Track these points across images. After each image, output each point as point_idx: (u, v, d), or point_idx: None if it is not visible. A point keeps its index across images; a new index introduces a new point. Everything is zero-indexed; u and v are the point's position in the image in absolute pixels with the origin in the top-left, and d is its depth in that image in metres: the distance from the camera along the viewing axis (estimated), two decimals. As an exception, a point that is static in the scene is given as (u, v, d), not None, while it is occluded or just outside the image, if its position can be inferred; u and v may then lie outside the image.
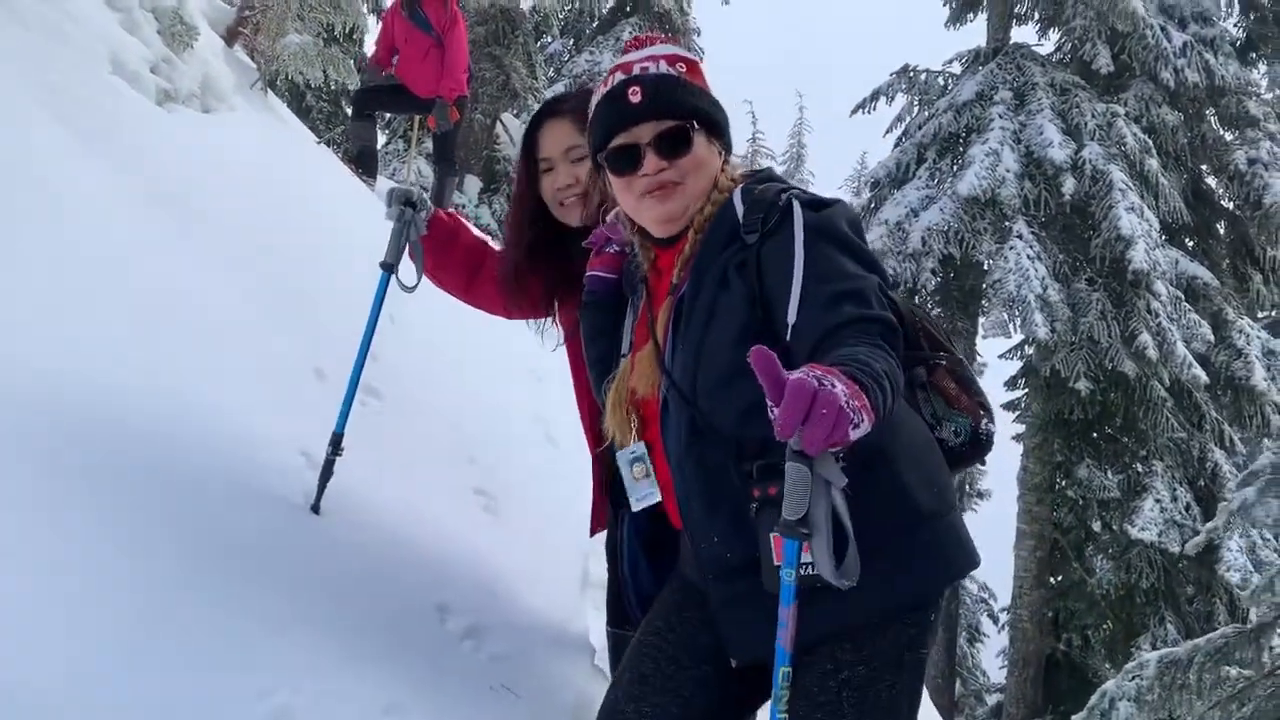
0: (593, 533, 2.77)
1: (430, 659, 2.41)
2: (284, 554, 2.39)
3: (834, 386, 1.34)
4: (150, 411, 2.51)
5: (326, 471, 2.63)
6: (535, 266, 2.47)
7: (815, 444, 1.33)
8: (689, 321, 1.76)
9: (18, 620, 1.77)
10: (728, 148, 1.90)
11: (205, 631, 1.98)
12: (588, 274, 2.08)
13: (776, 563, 1.51)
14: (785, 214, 1.72)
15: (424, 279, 2.62)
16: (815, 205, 1.74)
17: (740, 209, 1.77)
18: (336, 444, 2.65)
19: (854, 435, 1.35)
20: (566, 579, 3.37)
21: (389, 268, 2.59)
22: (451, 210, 2.93)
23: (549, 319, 2.61)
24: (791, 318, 1.62)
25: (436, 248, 2.56)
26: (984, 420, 1.89)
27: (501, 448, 3.85)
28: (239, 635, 2.03)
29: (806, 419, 1.32)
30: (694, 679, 1.79)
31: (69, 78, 3.68)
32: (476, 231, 2.80)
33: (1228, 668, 5.07)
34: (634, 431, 1.87)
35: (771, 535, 1.52)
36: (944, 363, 1.91)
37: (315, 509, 2.61)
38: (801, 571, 1.48)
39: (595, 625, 3.24)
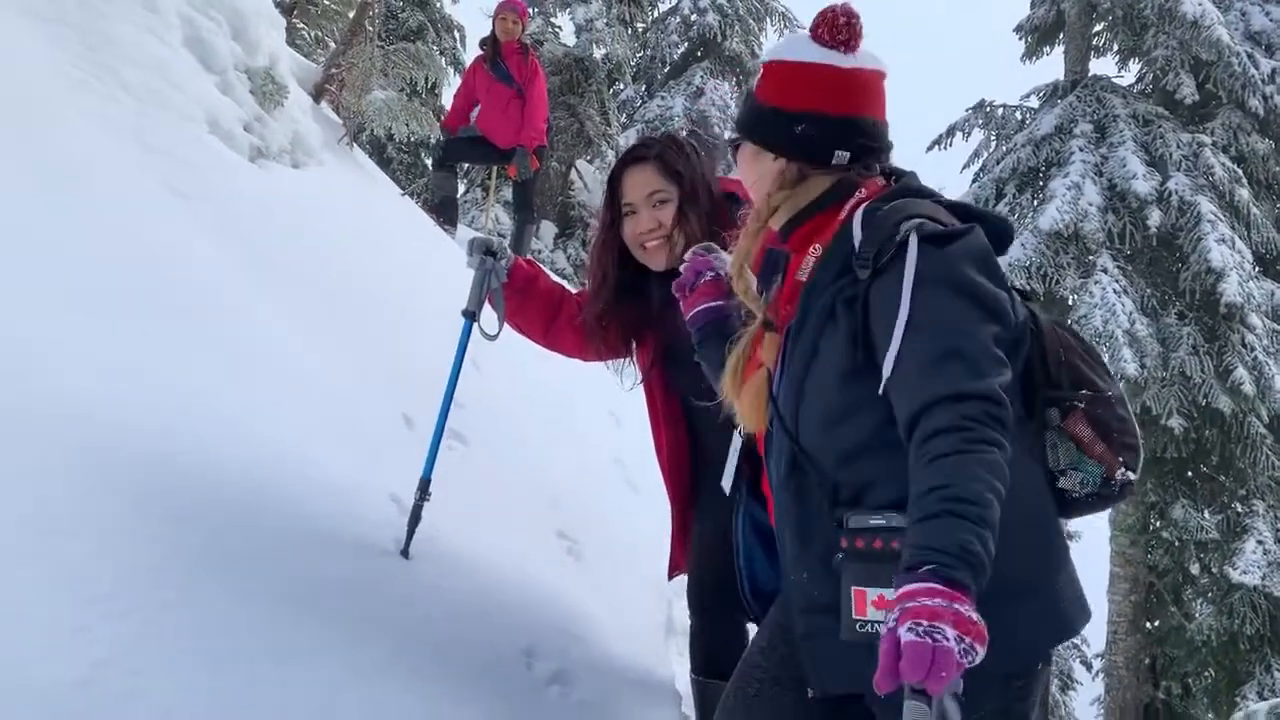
0: (671, 576, 2.79)
1: (518, 705, 2.42)
2: (374, 599, 2.43)
3: (946, 637, 1.32)
4: (241, 460, 2.57)
5: (415, 516, 2.67)
6: (619, 309, 2.52)
7: (936, 690, 1.33)
8: (793, 356, 1.71)
9: (119, 673, 1.81)
10: (782, 155, 1.81)
11: (296, 680, 2.01)
12: (694, 312, 2.10)
13: (856, 615, 1.54)
14: (900, 251, 1.59)
15: (504, 325, 2.67)
16: (938, 240, 1.59)
17: (858, 235, 1.66)
18: (425, 489, 2.69)
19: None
20: (651, 624, 3.37)
21: (471, 315, 2.64)
22: (530, 257, 2.99)
23: (626, 359, 2.65)
24: (886, 372, 1.55)
25: (516, 294, 2.62)
26: (1120, 470, 1.72)
27: (583, 491, 3.88)
28: (328, 683, 2.06)
29: (927, 675, 1.32)
30: (793, 700, 1.77)
31: (169, 140, 3.85)
32: (554, 277, 2.86)
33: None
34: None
35: (853, 589, 1.54)
36: (1081, 405, 1.73)
37: (405, 554, 2.66)
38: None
39: (680, 671, 3.22)
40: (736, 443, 2.15)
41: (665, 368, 2.58)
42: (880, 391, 1.56)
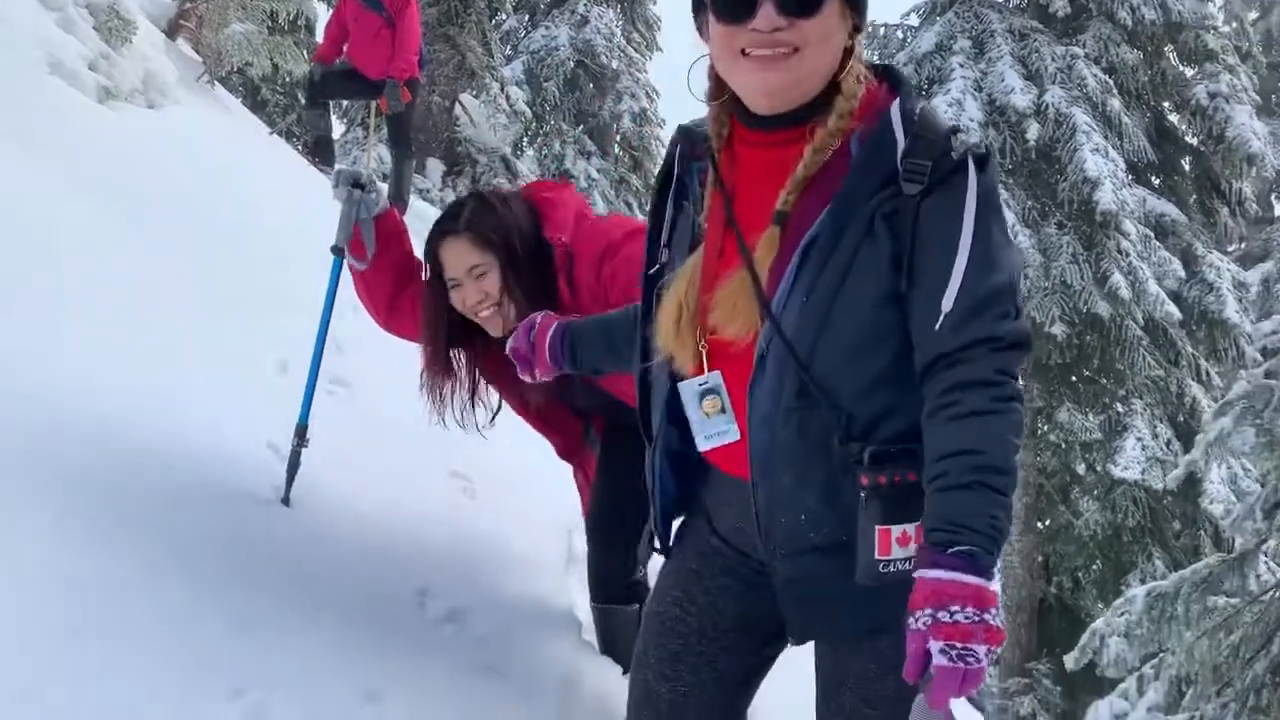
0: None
1: (411, 645, 2.37)
2: (253, 548, 2.35)
3: (979, 658, 1.32)
4: (103, 412, 2.45)
5: (293, 463, 2.58)
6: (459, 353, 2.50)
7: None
8: (820, 273, 1.47)
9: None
10: (859, 27, 1.54)
11: (171, 632, 1.94)
12: (549, 356, 1.95)
13: (880, 555, 1.44)
14: (958, 171, 1.45)
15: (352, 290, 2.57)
16: (981, 162, 1.47)
17: (900, 140, 1.47)
18: (301, 435, 2.60)
19: None
20: (550, 557, 3.34)
21: (340, 251, 2.53)
22: (397, 208, 2.86)
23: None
24: (947, 304, 1.42)
25: (380, 239, 2.49)
26: None
27: (477, 431, 3.80)
28: (207, 634, 1.98)
29: (957, 692, 1.33)
30: (724, 649, 1.68)
31: (5, 82, 3.58)
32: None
33: (1214, 597, 5.12)
34: (705, 359, 1.58)
35: (878, 528, 1.44)
36: None
37: (285, 501, 2.57)
38: (881, 569, 1.45)
39: (581, 601, 3.21)
40: (662, 387, 1.77)
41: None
42: (935, 327, 1.44)
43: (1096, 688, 8.18)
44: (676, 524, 1.77)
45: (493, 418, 2.64)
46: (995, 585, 1.37)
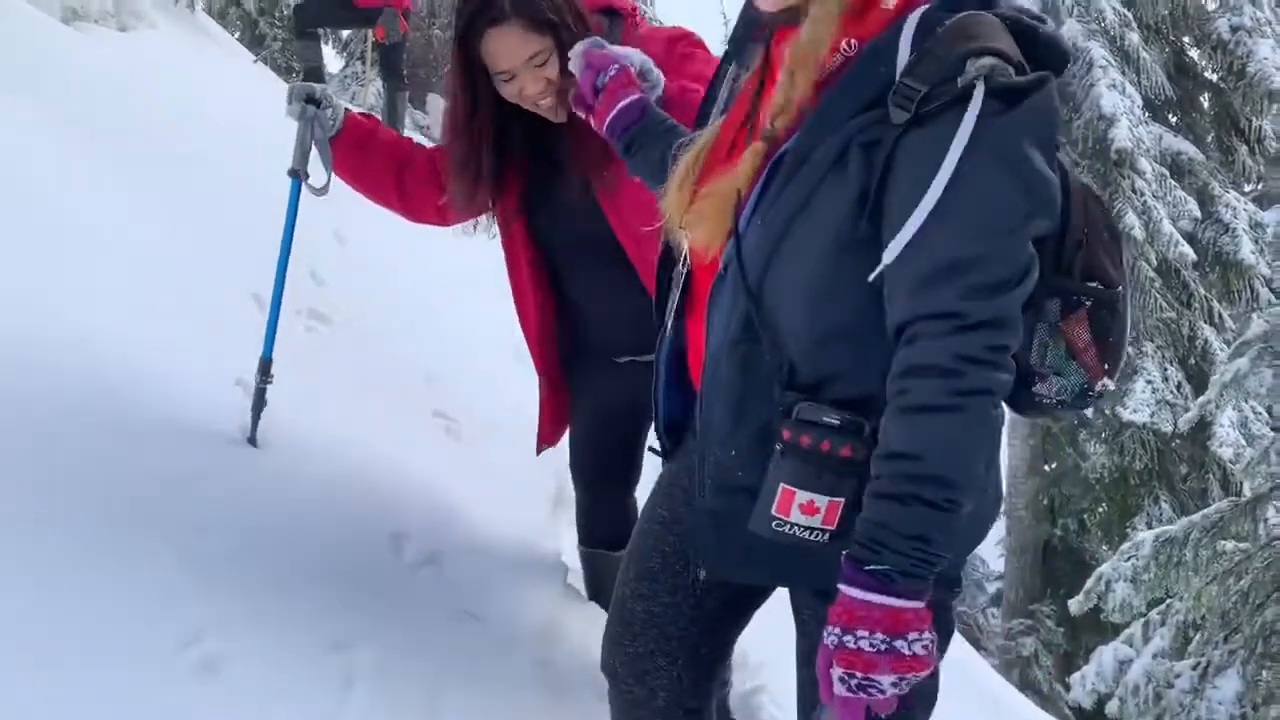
0: (539, 450, 2.61)
1: (383, 590, 2.26)
2: (215, 489, 2.23)
3: (881, 689, 1.21)
4: (62, 347, 2.32)
5: (258, 401, 2.45)
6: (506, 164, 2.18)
7: None
8: (775, 196, 1.30)
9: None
10: None
11: (121, 574, 1.83)
12: (612, 116, 1.73)
13: (776, 513, 1.30)
14: (955, 104, 1.18)
15: (357, 191, 2.39)
16: (1008, 96, 1.19)
17: (904, 55, 1.23)
18: (265, 370, 2.46)
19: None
20: (537, 500, 3.24)
21: (295, 174, 2.37)
22: (368, 113, 2.65)
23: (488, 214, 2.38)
24: (888, 258, 1.22)
25: (353, 151, 2.31)
26: (1102, 380, 1.41)
27: (461, 368, 3.68)
28: (160, 578, 1.87)
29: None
30: (704, 577, 1.58)
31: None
32: (395, 132, 2.55)
33: (1224, 542, 5.01)
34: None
35: (782, 485, 1.29)
36: (1088, 303, 1.37)
37: (252, 441, 2.45)
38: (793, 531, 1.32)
39: (568, 545, 3.11)
40: (679, 274, 1.61)
41: (529, 218, 2.28)
42: (872, 277, 1.24)
43: (1100, 631, 8.14)
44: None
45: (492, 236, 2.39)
46: (919, 602, 1.21)
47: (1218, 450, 9.75)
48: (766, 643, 1.71)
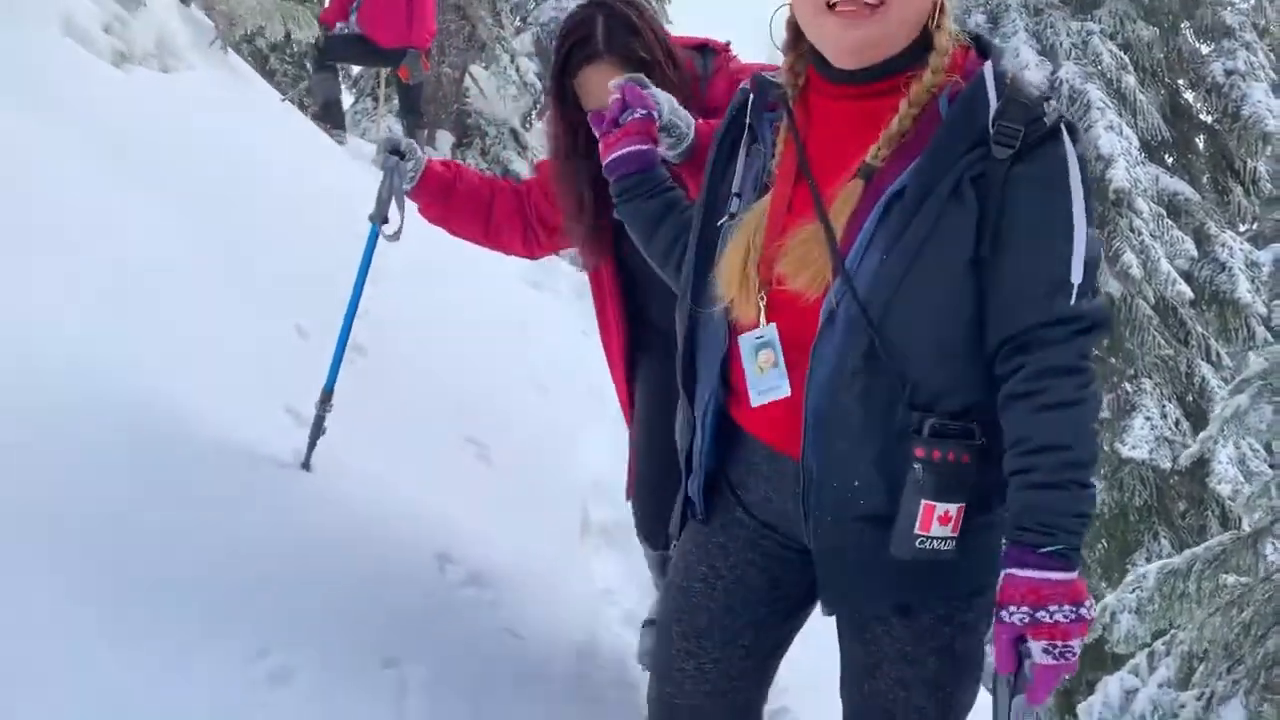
0: (629, 496, 2.54)
1: (431, 608, 2.38)
2: (275, 512, 2.35)
3: (1075, 653, 1.35)
4: (119, 379, 2.43)
5: (317, 428, 2.58)
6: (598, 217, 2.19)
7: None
8: (903, 231, 1.41)
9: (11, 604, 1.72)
10: None
11: (192, 593, 1.94)
12: (616, 155, 1.73)
13: (920, 531, 1.42)
14: (1052, 138, 1.41)
15: (447, 231, 2.47)
16: (1073, 131, 1.44)
17: (993, 101, 1.43)
18: (327, 400, 2.59)
19: None
20: (566, 525, 3.34)
21: (376, 220, 2.50)
22: (447, 158, 2.76)
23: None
24: (1077, 277, 1.40)
25: (435, 198, 2.40)
26: None
27: (491, 398, 3.80)
28: (232, 597, 1.98)
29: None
30: (750, 623, 1.65)
31: (20, 42, 3.55)
32: (476, 171, 2.66)
33: (1226, 575, 5.10)
34: (762, 311, 1.52)
35: (924, 502, 1.42)
36: None
37: (306, 466, 2.57)
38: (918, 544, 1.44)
39: (598, 569, 3.22)
40: (718, 342, 1.62)
41: (623, 254, 2.28)
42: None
43: (1101, 664, 8.18)
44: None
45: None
46: (1084, 586, 1.38)
47: (1216, 487, 9.86)
48: (793, 665, 1.81)
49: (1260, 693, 4.60)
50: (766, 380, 1.53)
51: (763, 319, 1.52)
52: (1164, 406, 10.55)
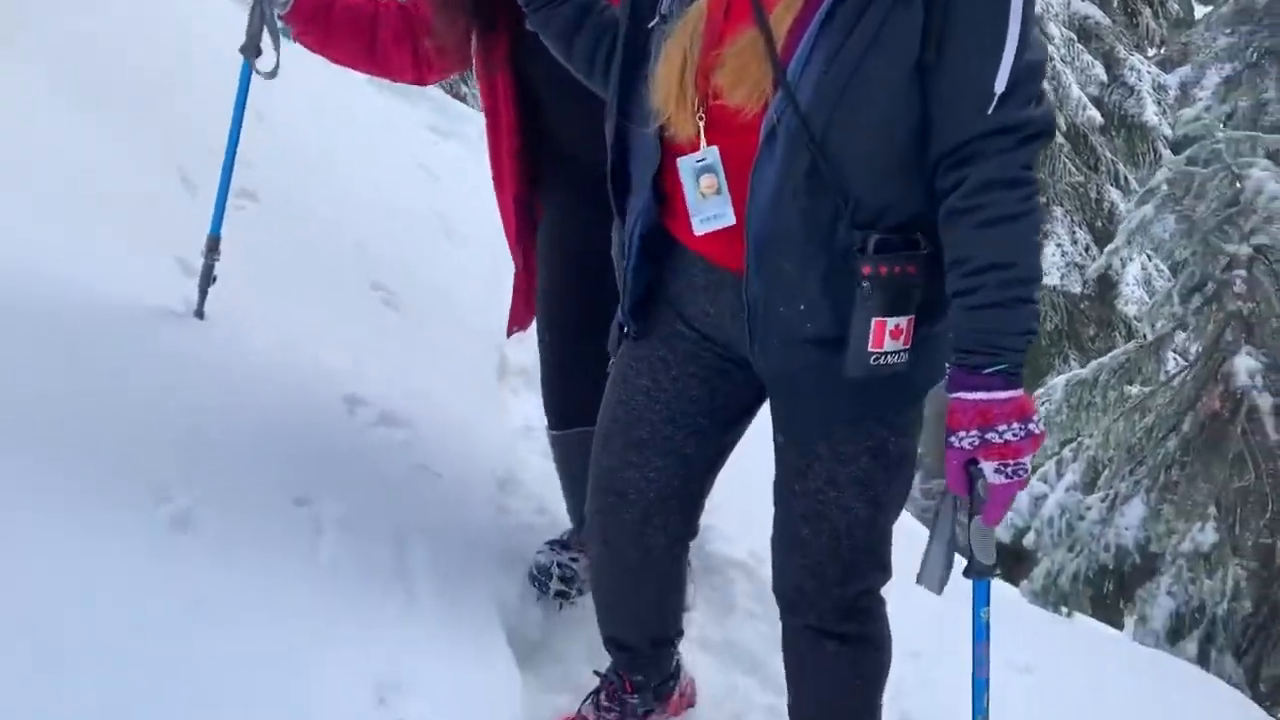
0: (510, 332, 2.46)
1: (341, 449, 2.33)
2: (167, 359, 2.25)
3: (1026, 469, 1.36)
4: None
5: (206, 275, 2.45)
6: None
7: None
8: (846, 39, 1.33)
9: None
10: None
11: (86, 450, 1.85)
12: None
13: (873, 348, 1.40)
14: None
15: (329, 60, 2.26)
16: None
17: None
18: (214, 247, 2.46)
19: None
20: (482, 368, 3.29)
21: (248, 54, 2.31)
22: None
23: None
24: (1000, 85, 1.31)
25: (311, 21, 2.17)
26: None
27: (396, 244, 3.67)
28: (125, 448, 1.91)
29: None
30: (691, 434, 1.64)
31: None
32: None
33: (1130, 386, 5.31)
34: (702, 131, 1.44)
35: (874, 320, 1.39)
36: None
37: (199, 314, 2.46)
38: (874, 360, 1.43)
39: (517, 409, 3.19)
40: (650, 159, 1.55)
41: (523, 64, 2.08)
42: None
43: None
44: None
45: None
46: (1030, 400, 1.39)
47: (1124, 308, 10.21)
48: (716, 488, 1.82)
49: (1160, 492, 4.85)
50: (710, 207, 1.47)
51: (703, 140, 1.45)
52: (1074, 233, 10.79)
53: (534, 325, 2.31)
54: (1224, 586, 4.60)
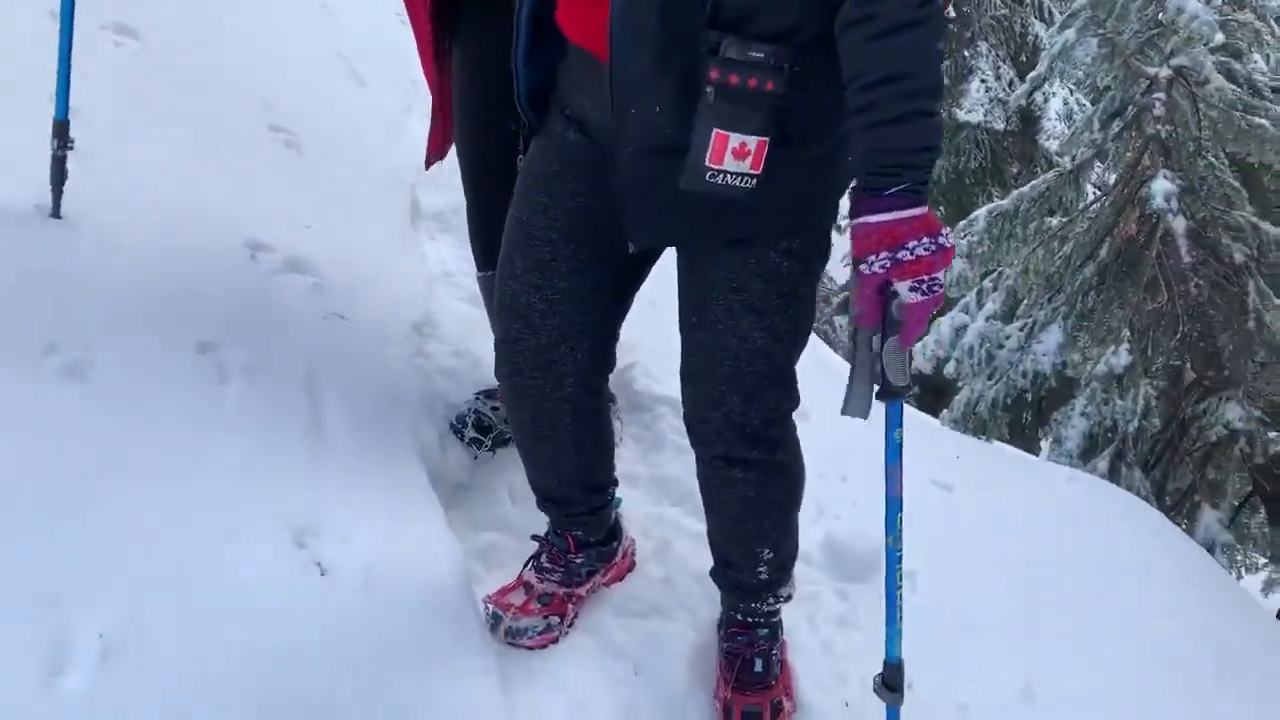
0: (429, 164, 2.23)
1: (245, 296, 2.22)
2: (43, 211, 2.10)
3: (940, 284, 1.31)
4: None
5: (58, 171, 2.10)
6: None
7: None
8: None
9: None
10: None
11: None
12: None
13: (711, 163, 1.33)
14: None
15: None
16: None
17: None
18: (63, 135, 2.09)
19: None
20: (394, 212, 3.16)
21: None
22: None
23: None
24: None
25: None
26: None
27: (297, 85, 3.46)
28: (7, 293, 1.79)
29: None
30: (597, 256, 1.57)
31: None
32: None
33: (1050, 218, 5.35)
34: None
35: (715, 131, 1.31)
36: None
37: (56, 214, 2.13)
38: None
39: (433, 254, 3.08)
40: None
41: None
42: None
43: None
44: None
45: None
46: (935, 216, 1.33)
47: (1045, 143, 10.23)
48: (635, 324, 1.76)
49: (1076, 318, 4.96)
50: None
51: None
52: (999, 68, 10.68)
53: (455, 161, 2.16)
54: (1135, 406, 4.77)
